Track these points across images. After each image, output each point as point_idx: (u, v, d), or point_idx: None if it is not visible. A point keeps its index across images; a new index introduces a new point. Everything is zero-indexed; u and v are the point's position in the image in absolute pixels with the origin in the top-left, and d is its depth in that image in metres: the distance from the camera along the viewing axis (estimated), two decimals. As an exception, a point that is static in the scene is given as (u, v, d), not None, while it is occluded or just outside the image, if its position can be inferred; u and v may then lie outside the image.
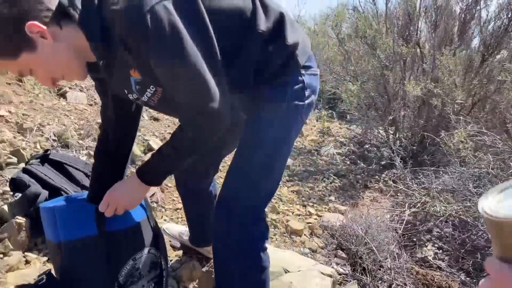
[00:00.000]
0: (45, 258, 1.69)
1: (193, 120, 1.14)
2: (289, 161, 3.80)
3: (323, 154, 4.31)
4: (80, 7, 1.02)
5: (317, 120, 5.52)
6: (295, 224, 2.54)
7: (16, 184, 1.82)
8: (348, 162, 4.20)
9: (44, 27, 1.00)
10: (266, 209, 1.54)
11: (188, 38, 1.00)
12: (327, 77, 4.79)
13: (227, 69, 1.13)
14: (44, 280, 1.27)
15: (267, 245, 1.38)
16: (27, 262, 1.65)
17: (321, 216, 2.82)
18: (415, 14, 3.90)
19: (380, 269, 2.21)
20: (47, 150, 2.06)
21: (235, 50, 1.15)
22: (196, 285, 1.85)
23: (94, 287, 1.33)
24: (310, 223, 2.69)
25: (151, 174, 1.25)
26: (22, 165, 2.13)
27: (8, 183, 1.91)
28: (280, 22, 1.21)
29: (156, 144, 2.96)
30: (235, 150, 1.36)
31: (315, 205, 3.02)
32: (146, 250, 1.42)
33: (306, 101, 1.28)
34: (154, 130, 3.42)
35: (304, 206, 2.99)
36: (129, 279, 1.37)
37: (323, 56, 4.58)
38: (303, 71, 1.26)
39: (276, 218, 2.65)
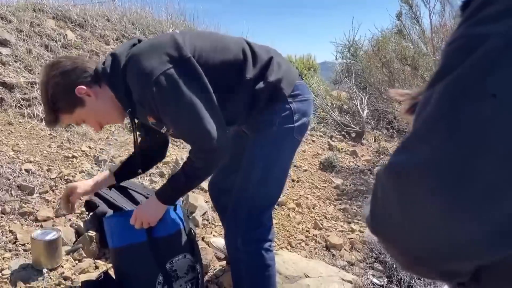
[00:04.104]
0: (110, 265, 2.07)
1: (198, 155, 1.43)
2: (339, 181, 3.95)
3: (375, 173, 4.39)
4: (109, 72, 1.39)
5: (374, 141, 5.57)
6: (334, 239, 2.71)
7: (89, 205, 2.25)
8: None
9: (88, 89, 1.39)
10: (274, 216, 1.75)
11: (187, 97, 1.32)
12: (378, 98, 4.88)
13: (225, 110, 1.43)
14: (102, 277, 1.64)
15: (276, 249, 1.63)
16: (96, 267, 2.04)
17: (363, 232, 2.95)
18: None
19: (415, 281, 2.30)
20: (114, 177, 2.49)
21: (231, 94, 1.46)
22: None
23: (140, 284, 1.66)
24: (352, 238, 2.84)
25: (167, 196, 1.54)
26: (96, 190, 2.58)
27: (83, 205, 2.35)
28: (266, 66, 1.49)
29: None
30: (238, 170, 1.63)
31: (359, 222, 3.15)
32: (182, 255, 1.72)
33: (297, 124, 1.53)
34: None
35: (349, 223, 3.13)
36: (168, 279, 1.68)
37: (371, 79, 4.72)
38: (290, 100, 1.52)
39: (318, 234, 2.83)
